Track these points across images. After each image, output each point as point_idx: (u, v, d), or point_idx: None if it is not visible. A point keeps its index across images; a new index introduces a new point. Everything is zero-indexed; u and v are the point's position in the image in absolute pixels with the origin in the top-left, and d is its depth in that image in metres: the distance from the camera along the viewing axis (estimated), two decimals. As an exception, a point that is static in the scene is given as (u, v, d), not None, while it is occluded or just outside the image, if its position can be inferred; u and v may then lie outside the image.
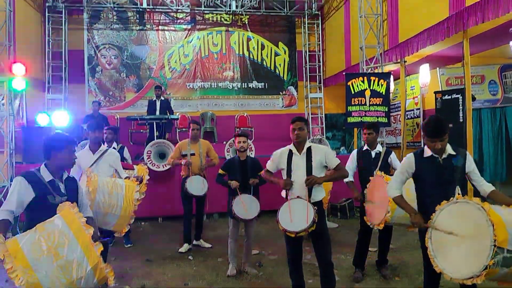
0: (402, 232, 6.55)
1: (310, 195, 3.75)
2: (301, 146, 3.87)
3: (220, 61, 12.51)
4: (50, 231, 2.60)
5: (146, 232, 7.51)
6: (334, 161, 3.84)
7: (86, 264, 2.58)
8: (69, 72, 11.46)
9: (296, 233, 3.61)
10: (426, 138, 3.21)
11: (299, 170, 3.81)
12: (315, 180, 3.69)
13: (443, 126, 3.14)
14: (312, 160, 3.80)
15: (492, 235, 2.58)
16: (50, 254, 2.52)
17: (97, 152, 4.71)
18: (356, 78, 8.41)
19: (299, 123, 3.87)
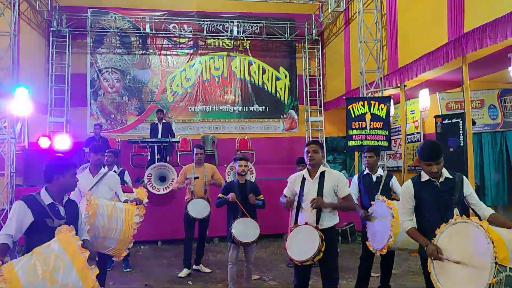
0: (404, 257, 6.50)
1: (318, 221, 3.70)
2: (315, 170, 3.84)
3: (222, 85, 12.63)
4: (46, 255, 2.58)
5: (146, 256, 7.43)
6: (344, 191, 3.79)
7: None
8: (71, 95, 11.56)
9: (301, 262, 3.57)
10: (422, 162, 3.21)
11: (310, 195, 3.77)
12: (321, 203, 3.65)
13: (438, 149, 3.15)
14: (324, 186, 3.76)
15: (493, 252, 2.56)
16: (45, 278, 2.49)
17: (97, 174, 4.70)
18: (357, 102, 8.46)
19: (313, 145, 3.85)
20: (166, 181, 7.99)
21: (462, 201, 3.22)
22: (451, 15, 6.61)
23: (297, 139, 12.79)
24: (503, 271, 2.55)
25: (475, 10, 6.10)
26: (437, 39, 6.98)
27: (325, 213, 3.75)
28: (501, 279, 2.55)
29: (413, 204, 3.33)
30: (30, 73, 10.18)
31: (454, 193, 3.16)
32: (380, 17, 9.21)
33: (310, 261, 3.52)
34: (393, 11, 8.71)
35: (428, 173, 3.18)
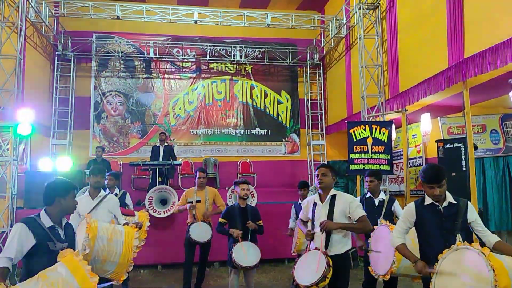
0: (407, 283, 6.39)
1: (327, 246, 3.64)
2: (325, 194, 3.81)
3: (224, 108, 12.71)
4: (54, 279, 2.54)
5: (145, 281, 7.34)
6: (357, 213, 3.71)
7: None
8: (74, 118, 11.65)
9: (306, 286, 3.52)
10: (424, 185, 3.21)
11: (321, 220, 3.73)
12: (329, 226, 3.60)
13: (440, 172, 3.16)
14: (334, 209, 3.71)
15: (493, 280, 2.52)
16: None
17: (96, 197, 4.69)
18: (358, 126, 8.48)
19: (322, 169, 3.85)
20: (167, 204, 7.96)
21: (466, 227, 3.19)
22: (452, 40, 6.70)
23: (299, 163, 12.79)
24: None
25: (475, 35, 6.18)
26: (437, 64, 7.04)
27: (335, 238, 3.70)
28: None
29: (409, 226, 3.35)
30: (34, 96, 10.29)
31: (458, 219, 3.14)
32: (381, 43, 9.33)
33: (314, 287, 3.46)
34: (394, 36, 8.83)
35: (431, 196, 3.17)
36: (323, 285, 3.47)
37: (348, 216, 3.72)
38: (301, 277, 3.60)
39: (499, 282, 2.52)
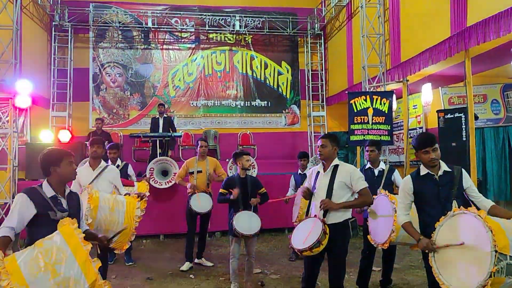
0: (405, 251, 6.51)
1: (325, 215, 3.67)
2: (328, 164, 3.80)
3: (224, 80, 12.61)
4: (49, 247, 2.58)
5: (148, 250, 7.45)
6: (359, 185, 3.68)
7: (84, 282, 2.55)
8: (73, 90, 11.56)
9: (299, 250, 3.57)
10: (419, 152, 3.24)
11: (321, 189, 3.75)
12: (329, 206, 3.61)
13: (432, 136, 3.25)
14: (335, 180, 3.71)
15: (492, 240, 2.56)
16: (47, 271, 2.50)
17: (97, 168, 4.71)
18: (359, 97, 8.43)
19: (322, 140, 3.82)
20: (168, 175, 7.99)
21: (462, 194, 3.22)
22: (454, 9, 6.58)
23: (299, 134, 12.79)
24: (503, 259, 2.56)
25: (478, 4, 6.07)
26: (439, 33, 6.95)
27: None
28: (501, 267, 2.56)
29: (410, 199, 3.36)
30: (32, 67, 10.19)
31: (453, 186, 3.17)
32: (383, 11, 9.17)
33: (308, 251, 3.50)
34: (396, 5, 8.67)
35: (427, 161, 3.20)
36: (317, 251, 3.50)
37: (349, 187, 3.72)
38: (297, 241, 3.65)
39: (498, 242, 2.56)
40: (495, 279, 2.56)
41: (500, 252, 2.56)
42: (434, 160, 3.18)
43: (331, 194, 3.68)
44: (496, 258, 2.54)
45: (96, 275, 2.61)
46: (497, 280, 2.57)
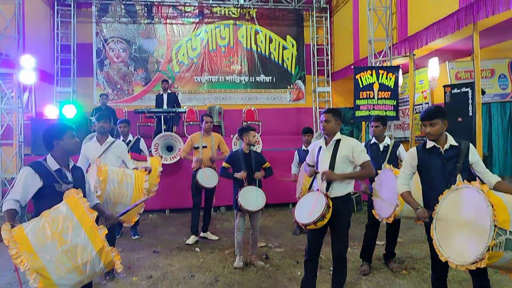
0: (409, 226, 6.56)
1: (328, 188, 3.70)
2: (330, 138, 3.81)
3: (228, 55, 12.49)
4: (55, 217, 2.62)
5: (154, 224, 7.55)
6: (361, 158, 3.70)
7: (91, 249, 2.60)
8: (77, 65, 11.52)
9: (304, 225, 3.60)
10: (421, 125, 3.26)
11: (323, 163, 3.77)
12: (330, 176, 3.64)
13: (434, 110, 3.22)
14: (337, 154, 3.72)
15: (492, 215, 2.58)
16: (54, 239, 2.54)
17: (104, 143, 4.74)
18: (365, 72, 8.35)
19: (325, 115, 3.79)
20: (173, 150, 8.02)
21: (467, 168, 3.22)
22: (463, -20, 6.44)
23: (304, 110, 12.73)
24: (502, 234, 2.58)
25: (488, -25, 5.93)
26: (447, 6, 6.82)
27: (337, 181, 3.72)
28: (500, 242, 2.58)
29: (412, 171, 3.38)
30: (36, 43, 10.13)
31: (459, 160, 3.16)
32: (390, -16, 8.98)
33: (312, 225, 3.54)
34: (404, -23, 8.49)
35: (427, 136, 3.22)
36: (321, 224, 3.54)
37: (351, 161, 3.73)
38: (301, 216, 3.68)
39: (498, 217, 2.57)
40: (492, 253, 2.58)
41: (500, 227, 2.58)
42: (429, 135, 3.19)
43: (333, 168, 3.69)
44: (495, 233, 2.56)
45: (103, 242, 2.65)
46: (495, 254, 2.60)
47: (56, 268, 2.51)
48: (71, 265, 2.54)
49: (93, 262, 2.62)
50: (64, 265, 2.53)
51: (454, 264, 2.80)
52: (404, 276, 4.64)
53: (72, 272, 2.55)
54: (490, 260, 2.61)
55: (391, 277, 4.62)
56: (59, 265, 2.51)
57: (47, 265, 2.49)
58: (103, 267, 2.70)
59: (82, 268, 2.58)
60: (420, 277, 4.55)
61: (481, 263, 2.62)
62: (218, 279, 4.60)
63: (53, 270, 2.50)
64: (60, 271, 2.51)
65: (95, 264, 2.63)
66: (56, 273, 2.50)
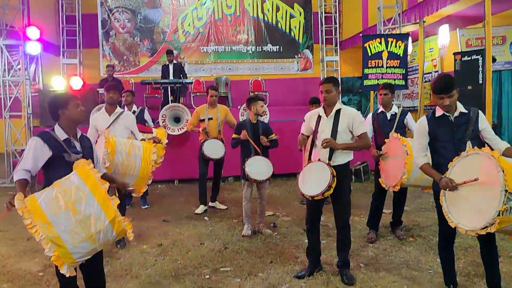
0: (417, 195, 6.58)
1: (331, 158, 3.70)
2: (330, 108, 3.78)
3: (234, 24, 12.30)
4: (67, 187, 2.65)
5: (163, 195, 7.65)
6: (360, 129, 3.71)
7: (104, 218, 2.64)
8: (83, 36, 11.42)
9: (311, 196, 3.62)
10: (434, 96, 3.16)
11: (324, 133, 3.74)
12: (333, 144, 3.63)
13: (451, 82, 3.09)
14: (339, 124, 3.70)
15: (503, 180, 2.57)
16: (68, 209, 2.58)
17: (113, 114, 4.76)
18: (373, 40, 8.22)
19: (326, 85, 3.73)
20: (180, 122, 8.02)
21: (477, 135, 3.18)
22: None
23: (311, 80, 12.57)
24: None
25: None
26: (460, -30, 6.63)
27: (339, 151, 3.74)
28: (510, 207, 2.58)
29: (427, 140, 3.30)
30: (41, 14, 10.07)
31: (469, 127, 3.12)
32: None
33: (320, 196, 3.57)
34: None
35: (441, 106, 3.13)
36: (327, 194, 3.57)
37: (351, 131, 3.74)
38: (307, 187, 3.69)
39: (508, 182, 2.57)
40: (503, 218, 2.59)
41: (510, 192, 2.58)
42: (448, 106, 3.11)
43: (335, 138, 3.69)
44: (506, 198, 2.57)
45: (115, 212, 2.69)
46: (505, 219, 2.61)
47: (71, 237, 2.56)
48: (85, 234, 2.59)
49: (106, 231, 2.66)
50: (78, 234, 2.58)
51: (464, 229, 2.81)
52: (410, 243, 4.69)
53: (86, 240, 2.60)
54: (500, 225, 2.62)
55: (397, 244, 4.67)
56: (73, 234, 2.56)
57: (62, 234, 2.54)
58: (115, 235, 2.75)
59: (96, 237, 2.63)
60: (426, 244, 4.60)
61: (491, 228, 2.64)
62: (227, 247, 4.68)
63: (67, 239, 2.55)
64: (74, 240, 2.57)
65: (107, 233, 2.68)
66: (70, 242, 2.56)
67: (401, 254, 4.38)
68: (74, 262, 2.65)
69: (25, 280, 3.89)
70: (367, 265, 4.09)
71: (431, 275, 3.80)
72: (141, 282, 3.80)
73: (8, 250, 4.73)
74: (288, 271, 3.96)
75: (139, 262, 4.29)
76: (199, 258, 4.36)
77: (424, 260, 4.16)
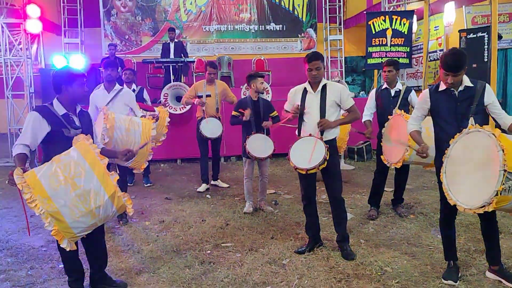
0: (419, 173, 6.58)
1: (322, 133, 3.70)
2: (317, 84, 3.77)
3: (237, 2, 12.11)
4: (66, 162, 2.65)
5: (165, 173, 7.68)
6: (348, 102, 3.74)
7: (103, 193, 2.65)
8: (84, 15, 11.30)
9: (307, 170, 3.61)
10: (441, 69, 3.11)
11: (313, 109, 3.74)
12: (328, 125, 3.65)
13: (461, 61, 3.01)
14: (326, 99, 3.71)
15: (502, 159, 2.55)
16: (67, 184, 2.58)
17: (112, 91, 4.73)
18: (378, 17, 8.10)
19: (316, 62, 3.68)
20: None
21: (482, 111, 3.13)
22: None
23: (315, 59, 12.44)
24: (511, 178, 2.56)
25: None
26: None
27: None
28: (509, 186, 2.57)
29: (423, 113, 3.35)
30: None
31: (473, 102, 3.08)
32: None
33: (314, 170, 3.56)
34: None
35: (444, 82, 3.09)
36: (322, 167, 3.58)
37: (338, 104, 3.75)
38: (299, 161, 3.67)
39: (508, 162, 2.54)
40: (501, 197, 2.58)
41: (510, 172, 2.55)
42: (451, 85, 3.07)
43: (324, 113, 3.69)
44: (504, 177, 2.55)
45: (115, 187, 2.70)
46: (503, 198, 2.60)
47: (70, 211, 2.57)
48: (85, 209, 2.60)
49: (106, 206, 2.67)
50: (78, 209, 2.59)
51: (462, 207, 2.81)
52: (411, 220, 4.69)
53: (85, 215, 2.61)
54: (498, 204, 2.61)
55: (398, 221, 4.67)
56: (73, 209, 2.57)
57: (62, 209, 2.55)
58: (115, 210, 2.77)
59: (95, 212, 2.64)
60: (427, 221, 4.60)
61: (488, 207, 2.63)
62: (228, 223, 4.70)
63: (67, 213, 2.56)
64: (74, 214, 2.58)
65: (107, 208, 2.69)
66: (70, 216, 2.57)
67: (401, 230, 4.39)
68: (74, 237, 2.67)
69: (28, 255, 3.94)
70: (367, 241, 4.10)
71: (431, 250, 3.81)
72: (143, 257, 3.84)
73: (12, 226, 4.78)
74: (289, 247, 3.98)
75: (141, 238, 4.33)
76: (201, 234, 4.39)
77: (425, 237, 4.17)
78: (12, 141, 8.64)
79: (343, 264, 3.58)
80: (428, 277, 3.30)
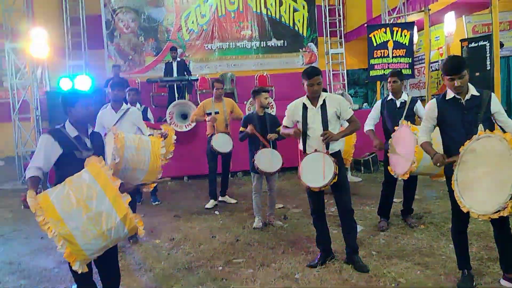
0: (427, 183, 6.54)
1: (328, 147, 3.72)
2: (317, 99, 3.79)
3: (238, 20, 12.28)
4: (78, 185, 2.65)
5: (173, 191, 7.68)
6: (347, 113, 3.77)
7: (115, 215, 2.64)
8: (88, 38, 11.48)
9: (320, 188, 3.63)
10: (445, 78, 3.14)
11: (315, 124, 3.76)
12: (332, 137, 3.65)
13: (460, 62, 3.08)
14: (328, 112, 3.73)
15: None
16: (79, 206, 2.59)
17: (119, 111, 4.79)
18: (378, 30, 8.18)
19: (317, 77, 3.72)
20: (187, 118, 8.04)
21: (489, 118, 3.15)
22: None
23: (317, 73, 12.52)
24: None
25: None
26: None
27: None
28: None
29: (433, 123, 3.34)
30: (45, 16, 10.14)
31: (480, 110, 3.09)
32: None
33: (327, 186, 3.59)
34: None
35: (452, 88, 3.11)
36: (333, 182, 3.61)
37: (339, 116, 3.78)
38: (312, 180, 3.69)
39: None
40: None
41: None
42: (460, 88, 3.09)
43: (327, 127, 3.71)
44: None
45: (126, 209, 2.70)
46: None
47: (83, 234, 2.57)
48: (97, 231, 2.59)
49: (117, 228, 2.66)
50: (90, 231, 2.58)
51: (476, 214, 2.80)
52: (422, 230, 4.66)
53: (97, 238, 2.61)
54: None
55: (409, 231, 4.65)
56: (85, 231, 2.57)
57: (74, 231, 2.55)
58: (127, 232, 2.76)
59: (107, 234, 2.64)
60: (438, 231, 4.58)
61: (504, 211, 2.63)
62: (239, 239, 4.70)
63: (79, 236, 2.56)
64: (86, 237, 2.58)
65: (119, 230, 2.68)
66: (82, 239, 2.57)
67: (413, 241, 4.36)
68: (86, 259, 2.66)
69: (41, 277, 3.94)
70: (379, 253, 4.08)
71: (444, 260, 3.79)
72: (155, 275, 3.83)
73: (23, 248, 4.79)
74: (301, 261, 3.97)
75: (152, 256, 4.33)
76: (212, 250, 4.38)
77: (437, 246, 4.15)
78: (20, 164, 8.69)
79: (356, 277, 3.56)
80: (443, 287, 3.28)
